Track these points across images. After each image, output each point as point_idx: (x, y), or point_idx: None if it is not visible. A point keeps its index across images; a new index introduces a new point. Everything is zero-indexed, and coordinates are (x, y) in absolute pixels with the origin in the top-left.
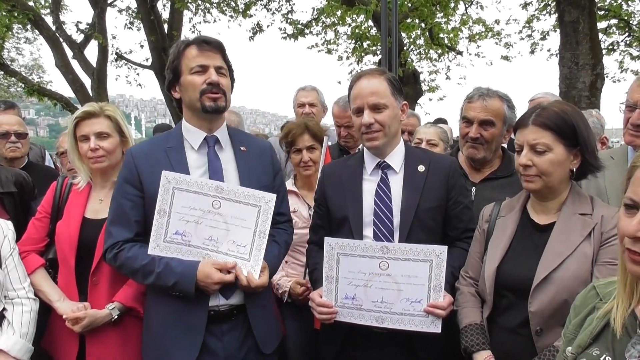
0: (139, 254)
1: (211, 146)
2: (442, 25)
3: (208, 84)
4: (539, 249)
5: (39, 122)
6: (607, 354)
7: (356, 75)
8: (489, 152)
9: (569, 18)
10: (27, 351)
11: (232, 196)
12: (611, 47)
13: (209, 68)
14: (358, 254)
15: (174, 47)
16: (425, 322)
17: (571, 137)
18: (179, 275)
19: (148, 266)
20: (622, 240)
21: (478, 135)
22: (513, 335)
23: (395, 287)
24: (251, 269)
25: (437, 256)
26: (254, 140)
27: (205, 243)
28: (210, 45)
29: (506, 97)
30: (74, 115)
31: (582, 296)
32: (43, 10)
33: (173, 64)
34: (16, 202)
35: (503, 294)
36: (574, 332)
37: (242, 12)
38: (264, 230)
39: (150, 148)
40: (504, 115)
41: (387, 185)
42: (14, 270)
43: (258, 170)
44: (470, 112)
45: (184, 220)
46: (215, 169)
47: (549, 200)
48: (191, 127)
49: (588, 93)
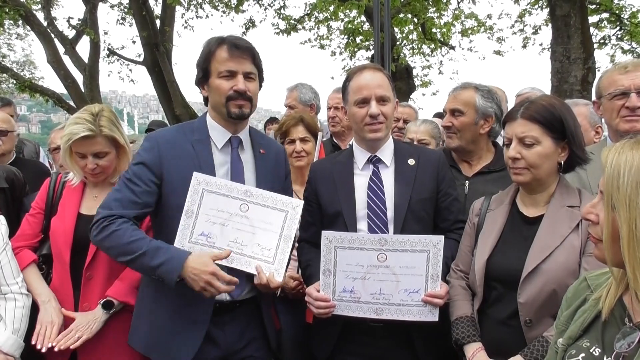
0: (128, 230)
1: (235, 147)
2: (435, 20)
3: (235, 91)
4: (528, 241)
5: (30, 119)
6: (597, 345)
7: (357, 68)
8: (463, 140)
9: (560, 12)
10: (18, 347)
11: (260, 200)
12: (602, 41)
13: (237, 74)
14: (356, 246)
15: (205, 44)
16: (423, 312)
17: (559, 130)
18: (165, 259)
19: (135, 243)
20: None
21: (449, 124)
22: (503, 326)
23: (394, 279)
24: (275, 271)
25: (434, 246)
26: (272, 143)
27: (230, 245)
28: (240, 50)
29: (482, 87)
30: (68, 132)
31: (574, 288)
32: (34, 6)
33: (203, 64)
34: (7, 198)
35: (493, 285)
36: (565, 324)
37: (234, 8)
38: (289, 234)
39: (176, 136)
40: (475, 104)
41: (379, 179)
42: (7, 265)
43: (273, 173)
44: (446, 105)
45: (210, 222)
46: (237, 170)
47: (537, 193)
48: (216, 125)
49: (580, 87)
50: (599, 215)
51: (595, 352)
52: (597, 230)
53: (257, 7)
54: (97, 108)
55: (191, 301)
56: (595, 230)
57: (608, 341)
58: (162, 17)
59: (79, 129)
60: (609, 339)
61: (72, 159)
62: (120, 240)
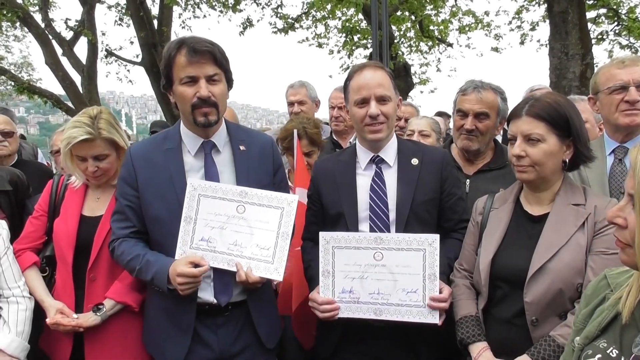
0: (125, 249)
1: (208, 153)
2: (432, 18)
3: (198, 99)
4: (533, 239)
5: (29, 120)
6: (614, 347)
7: (358, 67)
8: (483, 144)
9: (558, 8)
10: (23, 349)
11: (255, 200)
12: (600, 36)
13: (199, 79)
14: (352, 245)
15: (165, 49)
16: (422, 313)
17: (564, 127)
18: (154, 272)
19: (132, 262)
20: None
21: (473, 127)
22: (508, 326)
23: (391, 278)
24: (275, 271)
25: (430, 245)
26: (255, 137)
27: (230, 248)
28: (199, 54)
29: (499, 90)
30: (67, 136)
31: (593, 285)
32: (32, 8)
33: (165, 69)
34: (11, 201)
35: (498, 285)
36: (583, 322)
37: (231, 7)
38: (286, 231)
39: (148, 149)
40: (498, 107)
41: (381, 180)
42: (8, 269)
43: (257, 169)
44: (465, 105)
45: (209, 227)
46: (211, 175)
47: (542, 191)
48: (188, 131)
49: (578, 83)
50: (627, 219)
51: (613, 353)
52: (624, 234)
53: (255, 7)
54: (96, 111)
55: (177, 303)
56: (623, 234)
57: (626, 343)
58: (160, 17)
59: (77, 132)
60: (627, 341)
61: (73, 163)
62: (123, 262)
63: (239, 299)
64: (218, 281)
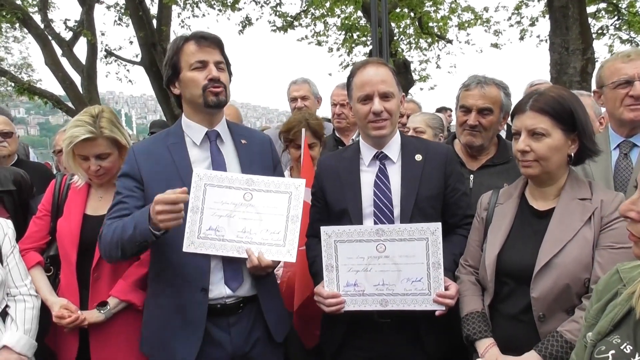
0: (112, 225)
1: (213, 140)
2: (431, 14)
3: (209, 80)
4: (539, 235)
5: (29, 121)
6: (628, 342)
7: (361, 63)
8: (487, 139)
9: (558, 3)
10: (30, 347)
11: (262, 187)
12: (600, 31)
13: (208, 64)
14: (355, 239)
15: (172, 43)
16: (427, 300)
17: (569, 122)
18: (135, 220)
19: (116, 230)
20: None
21: (477, 122)
22: (515, 322)
23: (395, 268)
24: (287, 253)
25: (432, 233)
26: (254, 133)
27: (239, 236)
28: (208, 40)
29: (502, 84)
30: (69, 135)
31: (605, 280)
32: (31, 9)
33: (172, 61)
34: (15, 201)
35: (504, 281)
36: (595, 318)
37: (230, 6)
38: (296, 214)
39: (152, 145)
40: (501, 103)
41: (385, 176)
42: (15, 267)
43: (259, 162)
44: (469, 100)
45: (216, 216)
46: (218, 163)
47: (547, 186)
48: (192, 122)
49: (579, 78)
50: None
51: (627, 349)
52: (638, 228)
53: (253, 5)
54: (97, 109)
55: (186, 302)
56: (637, 228)
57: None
58: (159, 17)
59: (79, 131)
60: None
61: (75, 162)
62: (108, 238)
63: (249, 294)
64: (228, 269)
